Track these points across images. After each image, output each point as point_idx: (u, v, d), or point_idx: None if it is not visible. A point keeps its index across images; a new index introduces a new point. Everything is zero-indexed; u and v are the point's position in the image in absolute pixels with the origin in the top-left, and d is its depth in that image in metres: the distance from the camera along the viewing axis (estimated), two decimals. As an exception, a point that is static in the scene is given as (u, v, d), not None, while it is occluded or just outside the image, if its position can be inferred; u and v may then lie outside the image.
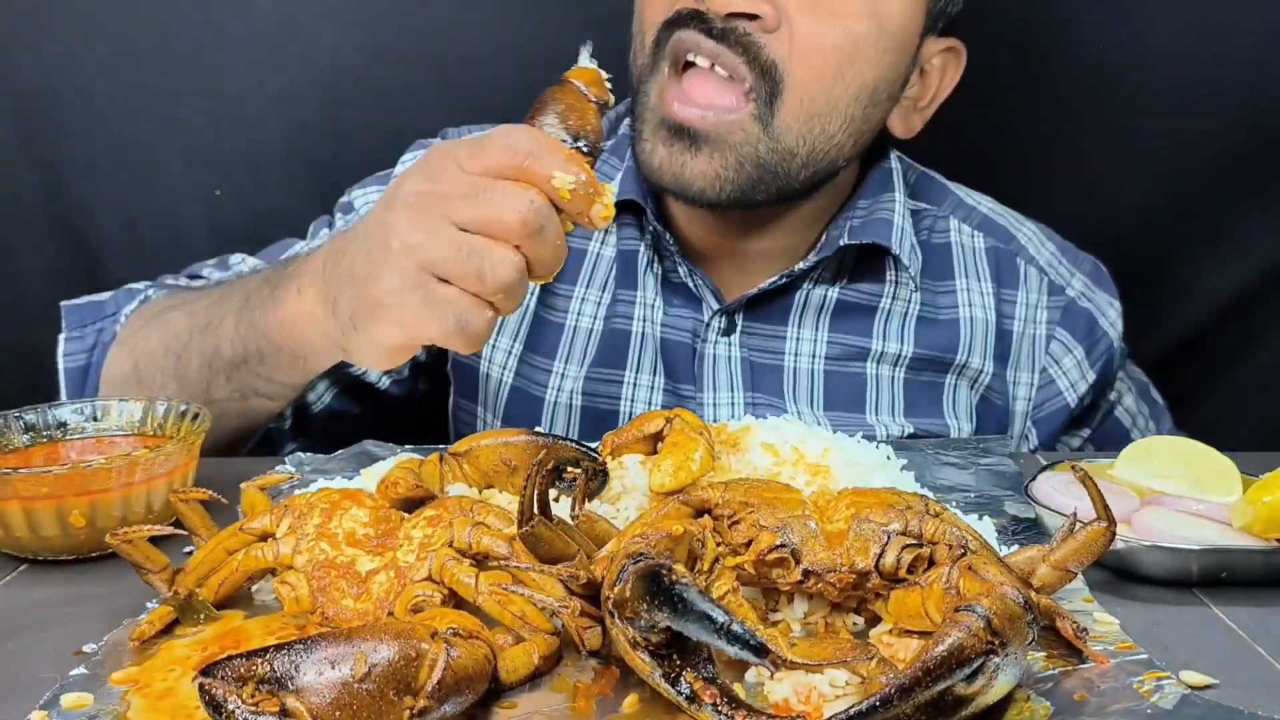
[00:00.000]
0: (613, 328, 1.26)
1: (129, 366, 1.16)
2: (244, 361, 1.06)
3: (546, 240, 0.85)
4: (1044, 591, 0.69)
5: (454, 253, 0.84)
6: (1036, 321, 1.28)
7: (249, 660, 0.58)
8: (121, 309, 1.23)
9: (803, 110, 1.14)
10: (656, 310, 1.26)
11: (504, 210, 0.84)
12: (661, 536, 0.65)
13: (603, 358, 1.25)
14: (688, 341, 1.26)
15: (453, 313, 0.85)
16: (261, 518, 0.77)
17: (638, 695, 0.64)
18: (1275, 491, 0.79)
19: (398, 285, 0.86)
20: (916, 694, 0.55)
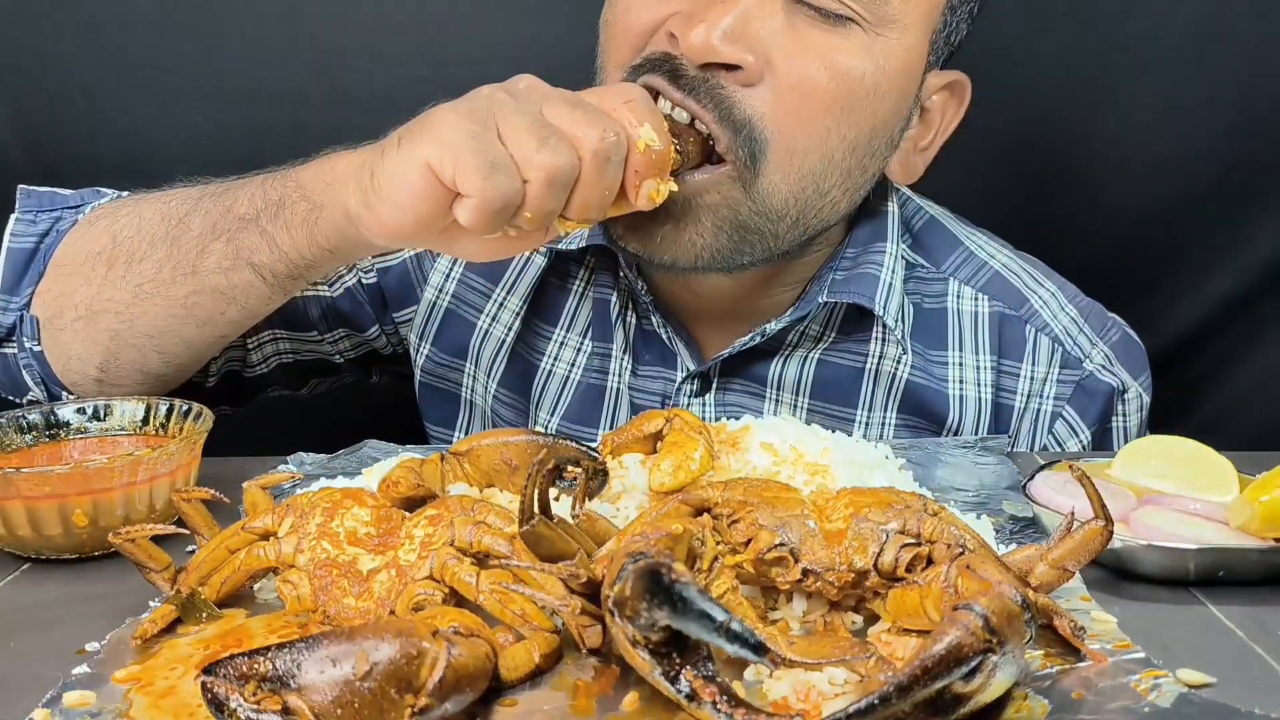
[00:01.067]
0: (589, 381, 1.21)
1: (105, 241, 1.07)
2: (256, 217, 1.00)
3: (604, 179, 0.85)
4: (1042, 590, 0.69)
5: (529, 121, 0.84)
6: (1043, 396, 1.15)
7: (251, 659, 0.58)
8: (86, 203, 1.15)
9: (792, 169, 1.01)
10: (626, 366, 1.19)
11: (591, 125, 0.84)
12: (661, 535, 0.66)
13: (575, 412, 1.21)
14: (657, 404, 1.19)
15: (491, 156, 0.82)
16: (263, 517, 0.77)
17: (638, 693, 0.64)
18: (1273, 491, 0.79)
19: (464, 112, 0.85)
20: (915, 692, 0.56)
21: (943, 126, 1.14)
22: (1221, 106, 1.48)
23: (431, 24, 1.54)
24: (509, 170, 0.83)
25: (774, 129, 1.00)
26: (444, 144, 0.84)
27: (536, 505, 0.69)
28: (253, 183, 1.04)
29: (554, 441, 0.83)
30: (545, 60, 1.40)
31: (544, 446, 0.82)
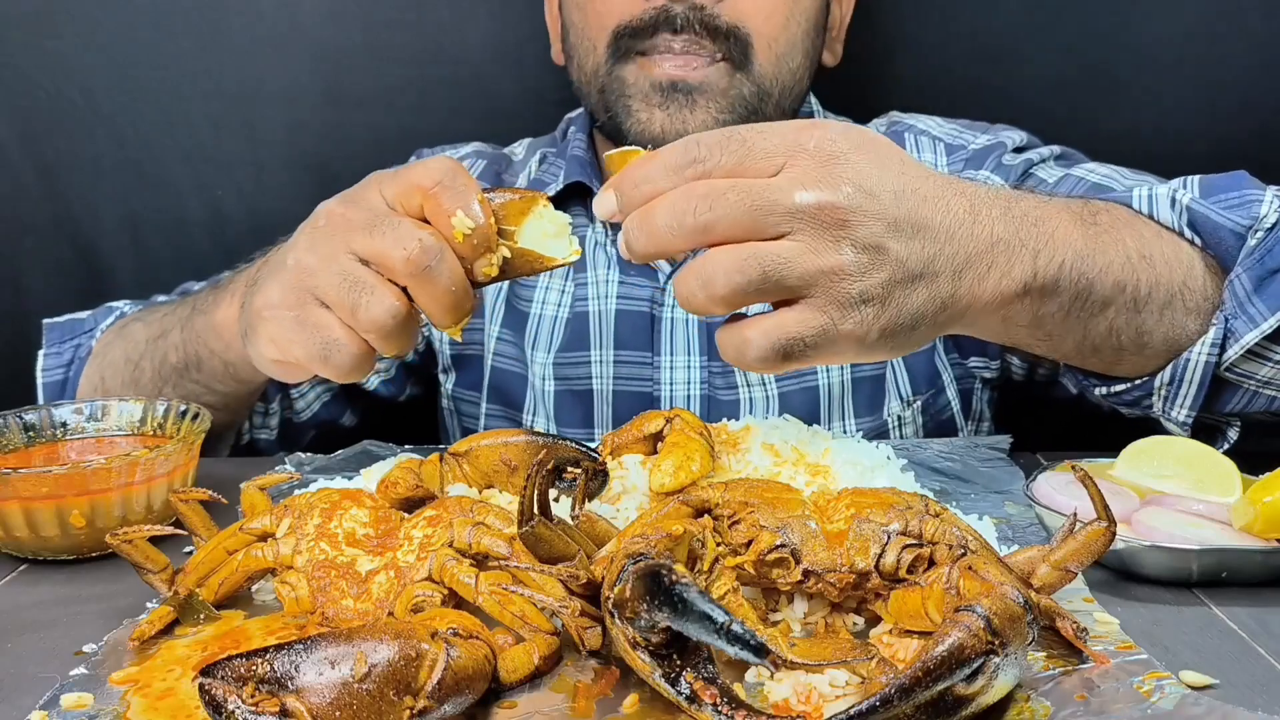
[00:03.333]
0: (575, 312, 1.27)
1: (97, 379, 1.21)
2: (186, 368, 1.11)
3: (437, 284, 0.83)
4: (1044, 591, 0.68)
5: (338, 281, 0.84)
6: None
7: (249, 660, 0.58)
8: (98, 325, 1.26)
9: (771, 54, 1.22)
10: (612, 285, 1.27)
11: (393, 246, 0.83)
12: (661, 536, 0.65)
13: (567, 342, 1.26)
14: (645, 310, 1.26)
15: (321, 339, 0.85)
16: (261, 518, 0.77)
17: (638, 695, 0.64)
18: (1275, 492, 0.79)
19: (277, 300, 0.86)
20: (916, 694, 0.55)
21: (845, 10, 1.36)
22: (1222, 106, 1.48)
23: (431, 24, 1.53)
24: (345, 343, 0.85)
25: (751, 29, 1.21)
26: (277, 342, 0.87)
27: (536, 506, 0.69)
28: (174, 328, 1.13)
29: (553, 442, 0.83)
30: (545, 60, 1.40)
31: (543, 447, 0.81)
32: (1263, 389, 0.93)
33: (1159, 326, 0.90)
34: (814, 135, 0.75)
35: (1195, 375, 0.92)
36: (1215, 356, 0.91)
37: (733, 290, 0.74)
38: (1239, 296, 0.90)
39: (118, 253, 1.54)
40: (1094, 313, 0.86)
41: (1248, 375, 0.92)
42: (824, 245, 0.73)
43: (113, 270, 1.54)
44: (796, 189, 0.73)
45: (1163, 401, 0.94)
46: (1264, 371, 0.92)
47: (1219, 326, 0.90)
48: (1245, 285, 0.90)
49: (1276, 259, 0.89)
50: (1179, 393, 0.93)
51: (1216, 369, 0.91)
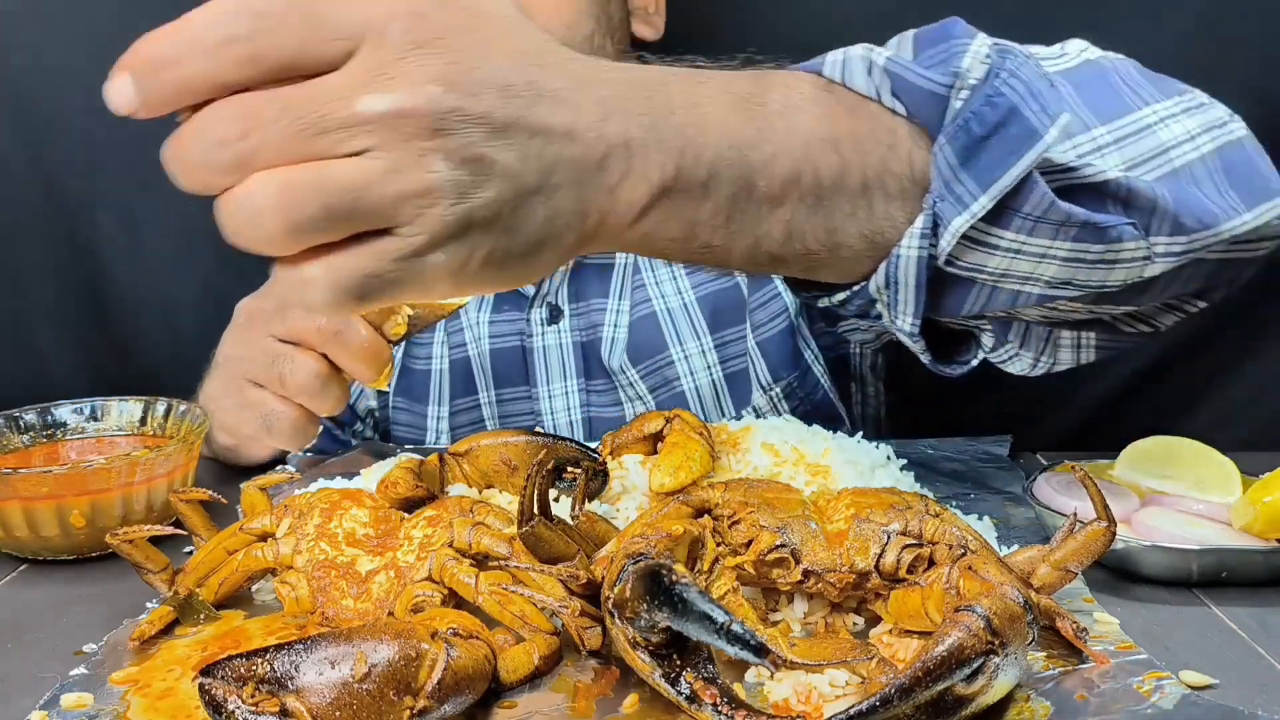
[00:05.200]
0: (455, 359, 1.27)
1: None
2: None
3: (349, 346, 0.91)
4: (1044, 591, 0.68)
5: (263, 360, 0.94)
6: None
7: (249, 660, 0.58)
8: None
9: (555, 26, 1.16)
10: (483, 326, 1.26)
11: (304, 321, 0.92)
12: (661, 536, 0.65)
13: (455, 390, 1.27)
14: (516, 343, 1.25)
15: (261, 414, 0.95)
16: (261, 518, 0.77)
17: (638, 695, 0.64)
18: (1275, 492, 0.79)
19: (219, 392, 0.98)
20: (916, 694, 0.55)
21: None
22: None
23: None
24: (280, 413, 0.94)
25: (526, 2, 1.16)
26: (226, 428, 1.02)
27: (536, 506, 0.69)
28: None
29: (554, 442, 0.83)
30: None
31: (543, 447, 0.81)
32: (1000, 283, 0.74)
33: (852, 221, 0.71)
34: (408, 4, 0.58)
35: (909, 275, 0.72)
36: (928, 249, 0.71)
37: (289, 228, 0.56)
38: (944, 174, 0.70)
39: (117, 253, 1.54)
40: (761, 213, 0.69)
41: (976, 269, 0.73)
42: (407, 162, 0.57)
43: (112, 271, 1.54)
44: (363, 92, 0.56)
45: (886, 309, 0.76)
46: (994, 262, 0.73)
47: (927, 213, 0.71)
48: (950, 159, 0.70)
49: (984, 123, 0.69)
50: (898, 297, 0.74)
51: (936, 264, 0.72)
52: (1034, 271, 0.73)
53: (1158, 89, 0.81)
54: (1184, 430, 0.92)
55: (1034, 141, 0.69)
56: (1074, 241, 0.72)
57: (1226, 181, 0.79)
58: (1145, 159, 0.76)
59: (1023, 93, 0.70)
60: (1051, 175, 0.71)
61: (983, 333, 0.80)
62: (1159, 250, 0.74)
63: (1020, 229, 0.71)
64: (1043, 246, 0.72)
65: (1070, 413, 1.56)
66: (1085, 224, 0.71)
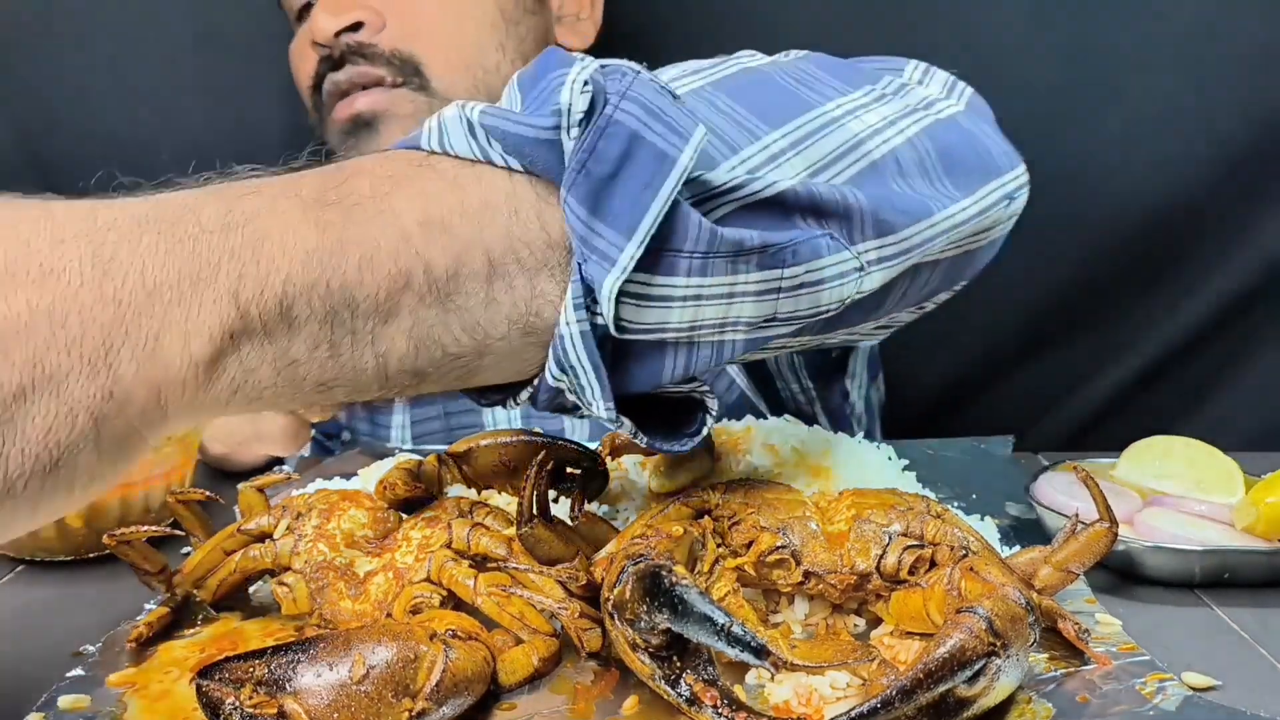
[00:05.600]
0: None
1: None
2: None
3: None
4: (1046, 593, 0.68)
5: None
6: None
7: (246, 662, 0.58)
8: None
9: (453, 63, 1.19)
10: None
11: None
12: (661, 538, 0.65)
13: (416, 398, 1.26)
14: None
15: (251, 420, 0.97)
16: (259, 518, 0.77)
17: (638, 697, 0.63)
18: (1278, 492, 0.78)
19: None
20: (918, 695, 0.55)
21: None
22: (1223, 106, 1.48)
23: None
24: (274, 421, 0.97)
25: (416, 50, 1.18)
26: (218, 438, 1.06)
27: (535, 507, 0.68)
28: None
29: (553, 442, 0.82)
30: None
31: (543, 448, 0.81)
32: (695, 338, 0.61)
33: (493, 309, 0.58)
34: None
35: (580, 355, 0.59)
36: (590, 321, 0.58)
37: None
38: (578, 230, 0.57)
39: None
40: (375, 328, 0.56)
41: (658, 329, 0.60)
42: None
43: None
44: None
45: (577, 397, 0.62)
46: (676, 317, 0.59)
47: (575, 280, 0.58)
48: (578, 211, 0.57)
49: (604, 159, 0.56)
50: (580, 383, 0.60)
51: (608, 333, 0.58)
52: (728, 316, 0.60)
53: (843, 81, 0.73)
54: (1186, 430, 0.92)
55: (669, 168, 0.56)
56: (761, 270, 0.60)
57: (941, 166, 0.71)
58: (834, 158, 0.67)
59: (641, 115, 0.57)
60: (713, 202, 0.60)
61: (704, 395, 0.66)
62: (870, 258, 0.64)
63: (690, 271, 0.58)
64: (725, 285, 0.59)
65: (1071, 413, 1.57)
66: (764, 248, 0.59)
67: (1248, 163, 1.49)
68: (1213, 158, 1.50)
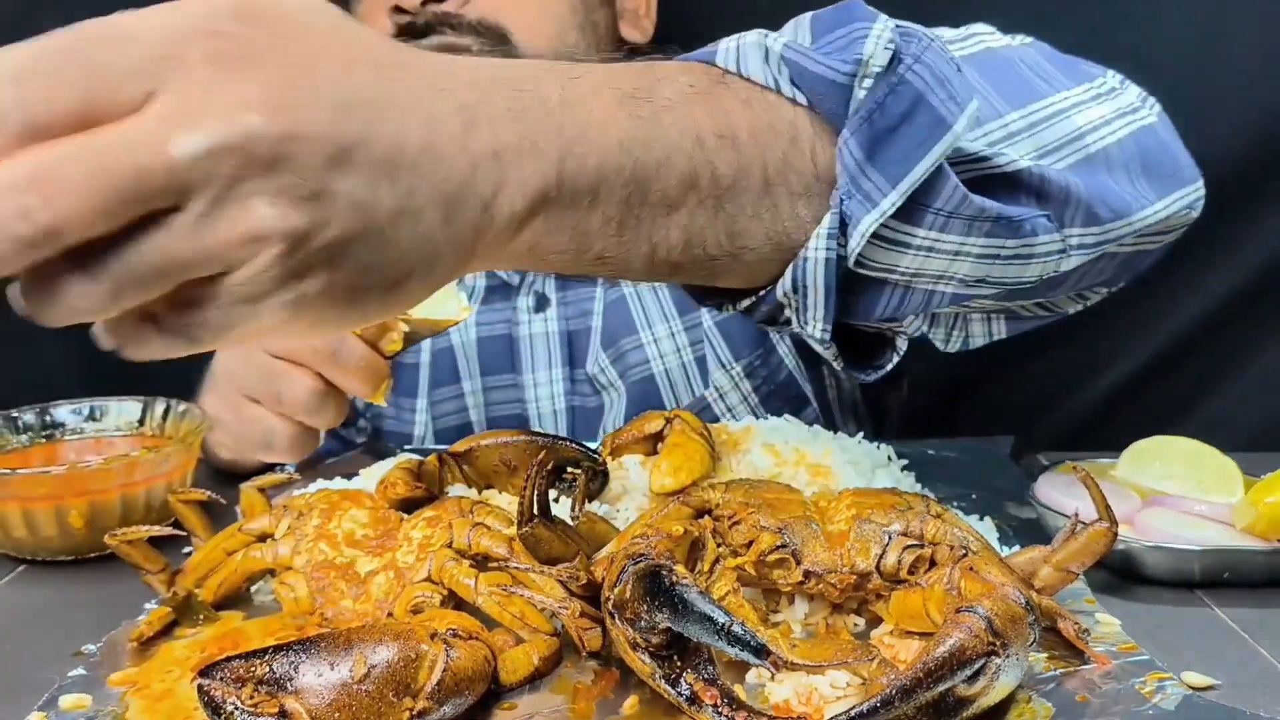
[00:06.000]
0: (438, 348, 1.27)
1: None
2: None
3: (345, 365, 0.91)
4: (1045, 592, 0.68)
5: (258, 376, 0.94)
6: None
7: (248, 661, 0.58)
8: None
9: (538, 38, 1.18)
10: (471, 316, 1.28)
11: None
12: (662, 537, 0.65)
13: (435, 379, 1.27)
14: (504, 331, 1.25)
15: (260, 430, 0.96)
16: (260, 518, 0.77)
17: (638, 696, 0.63)
18: (1277, 492, 0.78)
19: (216, 409, 0.98)
20: (918, 695, 0.55)
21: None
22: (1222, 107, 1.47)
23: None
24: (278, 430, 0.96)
25: (504, 18, 1.17)
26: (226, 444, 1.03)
27: (536, 507, 0.68)
28: None
29: (553, 442, 0.82)
30: (544, 59, 1.40)
31: (543, 447, 0.81)
32: (913, 283, 0.69)
33: (756, 223, 0.66)
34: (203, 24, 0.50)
35: (818, 279, 0.67)
36: (836, 250, 0.66)
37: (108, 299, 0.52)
38: (850, 170, 0.64)
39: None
40: (657, 219, 0.63)
41: (888, 269, 0.68)
42: (229, 207, 0.49)
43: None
44: (172, 133, 0.48)
45: (795, 315, 0.70)
46: (906, 262, 0.68)
47: (834, 212, 0.65)
48: (855, 153, 0.64)
49: (890, 114, 0.64)
50: (807, 302, 0.68)
51: (845, 265, 0.67)
52: (948, 270, 0.69)
53: (1067, 75, 0.79)
54: (1186, 430, 0.92)
55: (943, 132, 0.64)
56: (988, 238, 0.68)
57: (1140, 168, 0.78)
58: (1058, 145, 0.73)
59: (929, 80, 0.64)
60: (962, 166, 0.67)
61: (897, 335, 0.75)
62: (1073, 243, 0.72)
63: (933, 225, 0.66)
64: (956, 243, 0.67)
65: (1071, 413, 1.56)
66: (999, 218, 0.67)
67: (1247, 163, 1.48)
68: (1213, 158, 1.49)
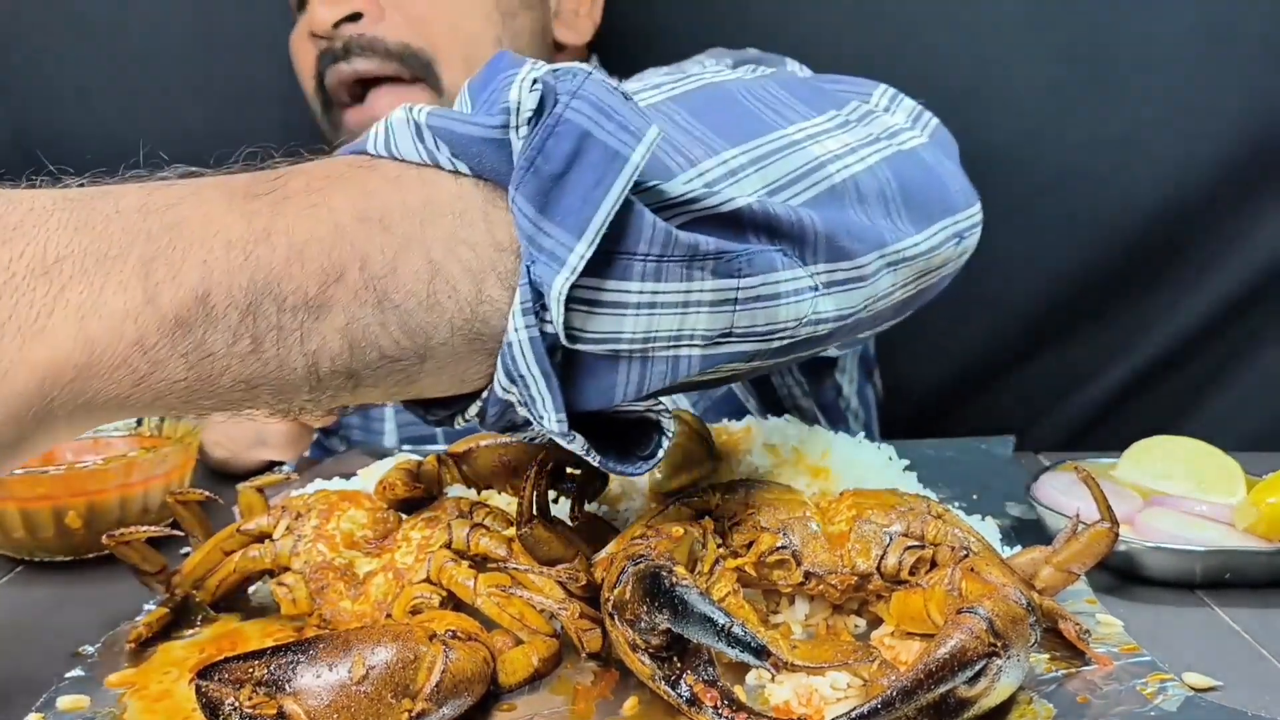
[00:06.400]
0: None
1: None
2: None
3: None
4: (1046, 593, 0.68)
5: None
6: None
7: (246, 662, 0.58)
8: None
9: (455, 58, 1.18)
10: None
11: None
12: (661, 538, 0.65)
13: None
14: None
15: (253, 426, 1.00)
16: (259, 519, 0.77)
17: (638, 697, 0.63)
18: (1279, 493, 0.78)
19: None
20: (918, 696, 0.55)
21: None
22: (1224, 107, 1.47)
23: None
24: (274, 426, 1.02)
25: (424, 45, 1.17)
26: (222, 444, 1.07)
27: (535, 507, 0.68)
28: None
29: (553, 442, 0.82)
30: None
31: (543, 448, 0.81)
32: (648, 352, 0.58)
33: (435, 313, 0.55)
34: None
35: (530, 364, 0.56)
36: (539, 327, 0.56)
37: None
38: (526, 230, 0.55)
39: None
40: (303, 325, 0.53)
41: (611, 339, 0.57)
42: None
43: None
44: None
45: (527, 411, 0.59)
46: (630, 326, 0.57)
47: (524, 284, 0.55)
48: (526, 211, 0.55)
49: (553, 158, 0.54)
50: (530, 394, 0.57)
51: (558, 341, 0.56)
52: (683, 327, 0.58)
53: (808, 104, 0.72)
54: (1187, 430, 0.92)
55: (620, 165, 0.54)
56: (716, 279, 0.58)
57: (901, 199, 0.71)
58: (791, 180, 0.65)
59: (590, 113, 0.55)
60: (668, 212, 0.58)
61: (660, 416, 0.63)
62: (823, 280, 0.64)
63: (644, 275, 0.56)
64: (680, 293, 0.57)
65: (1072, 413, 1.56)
66: (720, 254, 0.58)
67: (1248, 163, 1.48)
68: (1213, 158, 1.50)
